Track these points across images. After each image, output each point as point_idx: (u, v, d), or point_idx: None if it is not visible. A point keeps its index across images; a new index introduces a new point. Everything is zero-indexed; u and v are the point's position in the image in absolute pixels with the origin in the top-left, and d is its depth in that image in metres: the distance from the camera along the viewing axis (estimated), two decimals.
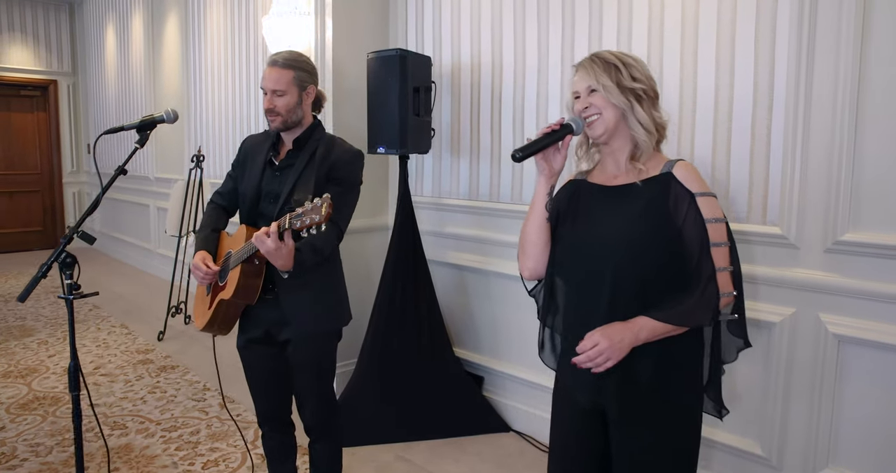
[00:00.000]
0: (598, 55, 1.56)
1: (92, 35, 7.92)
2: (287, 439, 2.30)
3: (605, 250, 1.51)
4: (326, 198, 1.66)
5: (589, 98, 1.54)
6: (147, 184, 6.71)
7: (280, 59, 2.04)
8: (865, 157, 2.03)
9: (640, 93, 1.52)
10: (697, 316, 1.47)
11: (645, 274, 1.48)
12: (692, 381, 1.58)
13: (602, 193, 1.59)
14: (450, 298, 3.46)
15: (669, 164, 1.53)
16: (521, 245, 1.67)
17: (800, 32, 2.12)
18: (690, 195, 1.48)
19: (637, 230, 1.48)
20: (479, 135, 3.27)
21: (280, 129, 2.07)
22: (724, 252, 1.50)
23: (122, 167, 1.86)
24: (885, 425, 2.05)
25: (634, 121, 1.52)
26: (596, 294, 1.52)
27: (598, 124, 1.53)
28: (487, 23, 3.17)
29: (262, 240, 1.77)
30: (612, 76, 1.51)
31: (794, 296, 2.21)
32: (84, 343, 4.53)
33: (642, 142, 1.53)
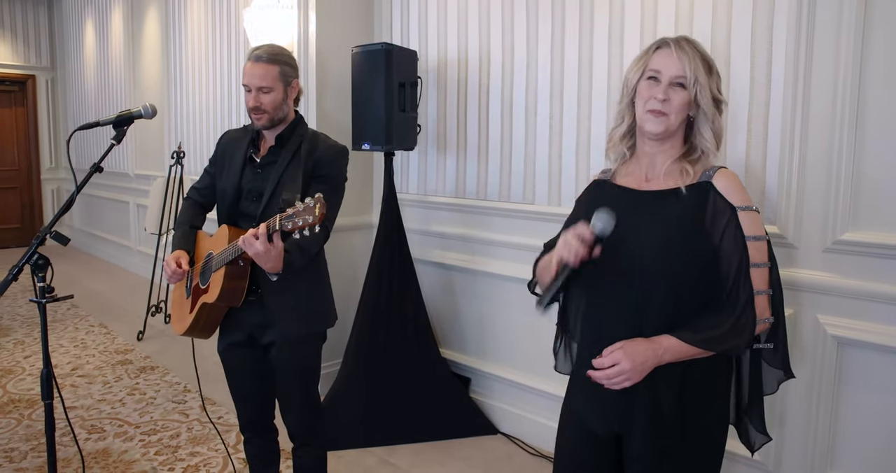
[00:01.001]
0: (694, 43, 1.37)
1: (71, 29, 7.76)
2: (270, 444, 2.24)
3: (632, 261, 1.37)
4: (319, 198, 1.58)
5: (671, 91, 1.36)
6: (126, 181, 6.59)
7: (264, 55, 1.94)
8: (865, 156, 1.99)
9: (722, 105, 1.40)
10: (729, 343, 1.34)
11: (677, 291, 1.35)
12: (719, 411, 1.46)
13: (633, 198, 1.44)
14: (436, 298, 3.40)
15: (710, 172, 1.38)
16: (540, 274, 1.54)
17: (798, 28, 2.07)
18: (732, 209, 1.34)
19: (671, 242, 1.35)
20: (465, 132, 3.21)
21: (266, 127, 1.99)
22: (764, 273, 1.37)
23: (98, 164, 1.78)
24: (885, 428, 2.01)
25: (708, 129, 1.38)
26: (621, 308, 1.39)
27: (662, 122, 1.37)
28: (475, 17, 3.10)
29: (251, 243, 1.69)
30: (708, 78, 1.35)
31: (793, 297, 2.16)
32: (61, 343, 4.41)
33: (707, 149, 1.39)
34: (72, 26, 7.72)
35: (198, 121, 5.10)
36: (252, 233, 1.69)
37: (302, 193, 1.90)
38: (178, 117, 5.41)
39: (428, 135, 3.37)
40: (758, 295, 1.35)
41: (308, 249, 1.91)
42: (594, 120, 2.66)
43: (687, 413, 1.39)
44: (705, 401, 1.42)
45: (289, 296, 1.99)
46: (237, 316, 2.04)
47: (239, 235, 1.87)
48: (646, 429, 1.40)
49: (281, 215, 1.64)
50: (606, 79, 2.59)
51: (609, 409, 1.44)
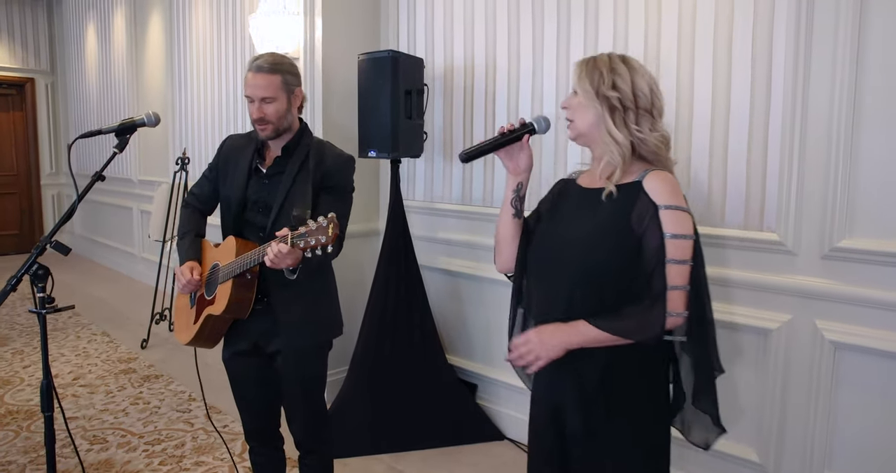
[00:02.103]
0: (594, 57, 1.53)
1: (71, 33, 7.76)
2: (276, 453, 2.24)
3: (562, 251, 1.51)
4: (332, 218, 1.60)
5: (571, 99, 1.53)
6: (130, 187, 6.58)
7: (265, 64, 1.92)
8: (861, 164, 2.02)
9: (616, 102, 1.46)
10: (637, 333, 1.42)
11: (599, 282, 1.45)
12: (654, 398, 1.53)
13: (578, 195, 1.58)
14: (442, 304, 3.40)
15: (643, 174, 1.47)
16: (495, 241, 1.69)
17: (797, 38, 2.10)
18: (655, 207, 1.42)
19: (596, 236, 1.46)
20: (472, 139, 3.22)
21: (271, 138, 1.97)
22: (684, 270, 1.42)
23: (100, 173, 1.78)
24: (882, 431, 2.04)
25: (605, 131, 1.47)
26: (555, 294, 1.51)
27: (572, 127, 1.54)
28: (481, 24, 3.12)
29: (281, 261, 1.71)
30: (594, 81, 1.47)
31: (791, 303, 2.20)
32: (63, 352, 4.40)
33: (612, 154, 1.47)
34: (72, 30, 7.72)
35: (202, 127, 5.10)
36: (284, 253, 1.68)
37: (314, 206, 1.91)
38: (182, 123, 5.41)
39: (434, 142, 3.38)
40: (674, 289, 1.42)
41: None
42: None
43: (613, 396, 1.48)
44: (633, 387, 1.50)
45: (296, 306, 1.99)
46: (243, 325, 2.04)
47: (247, 248, 1.87)
48: (575, 408, 1.51)
49: (293, 233, 1.65)
50: None
51: (550, 386, 1.57)
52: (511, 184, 1.60)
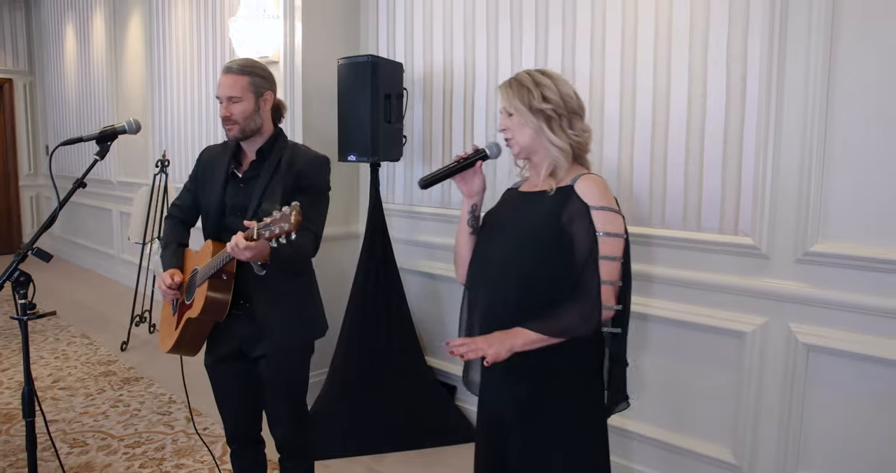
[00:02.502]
0: (516, 77, 1.64)
1: (50, 33, 7.67)
2: (257, 456, 2.25)
3: (501, 254, 1.60)
4: (295, 206, 1.62)
5: (506, 120, 1.63)
6: (109, 189, 6.53)
7: (234, 65, 1.98)
8: (833, 171, 2.06)
9: (551, 113, 1.58)
10: (576, 329, 1.51)
11: (531, 279, 1.54)
12: (586, 386, 1.63)
13: (518, 199, 1.70)
14: (421, 307, 3.42)
15: (576, 178, 1.59)
16: (454, 256, 1.80)
17: (770, 48, 2.14)
18: (586, 207, 1.53)
19: (530, 233, 1.57)
20: (451, 143, 3.23)
21: (238, 138, 2.00)
22: (614, 267, 1.54)
23: (81, 180, 1.78)
24: (853, 432, 2.09)
25: (545, 140, 1.59)
26: (494, 293, 1.61)
27: (514, 144, 1.63)
28: (460, 29, 3.14)
29: (240, 253, 1.73)
30: (524, 99, 1.58)
31: (766, 306, 2.24)
32: (42, 354, 4.36)
33: (554, 158, 1.60)
34: (51, 30, 7.63)
35: (182, 129, 5.08)
36: (236, 243, 1.71)
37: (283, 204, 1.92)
38: (161, 125, 5.38)
39: (414, 146, 3.39)
40: (606, 284, 1.52)
41: (297, 244, 1.89)
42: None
43: (546, 385, 1.58)
44: (567, 374, 1.59)
45: (277, 307, 2.00)
46: (227, 330, 2.05)
47: (222, 249, 1.88)
48: (510, 400, 1.61)
49: (259, 224, 1.67)
50: (588, 92, 2.63)
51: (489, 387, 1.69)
52: (466, 206, 1.72)
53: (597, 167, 2.63)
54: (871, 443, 2.05)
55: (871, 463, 2.05)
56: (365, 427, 3.03)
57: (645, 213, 2.51)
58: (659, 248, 2.48)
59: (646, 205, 2.50)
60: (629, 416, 2.62)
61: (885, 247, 1.98)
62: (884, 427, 2.02)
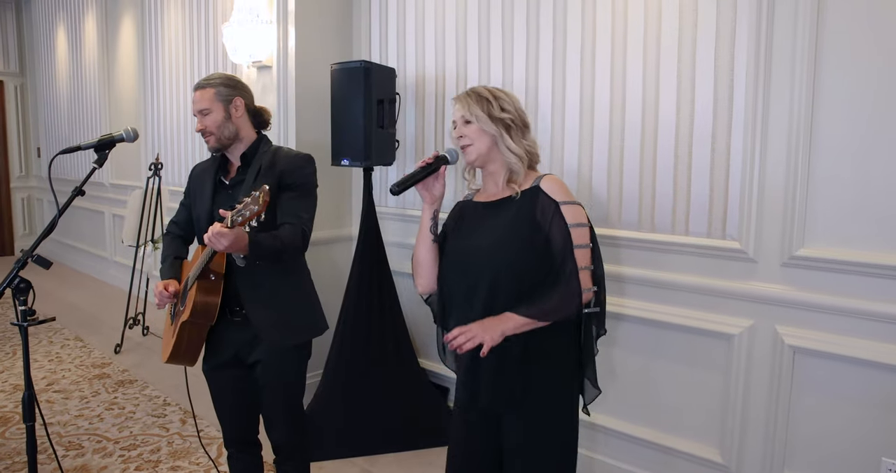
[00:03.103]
0: (473, 89, 1.74)
1: (41, 35, 7.66)
2: (254, 459, 2.28)
3: (480, 257, 1.67)
4: (264, 188, 1.66)
5: (463, 128, 1.71)
6: (102, 191, 6.52)
7: (201, 82, 2.07)
8: (818, 177, 2.11)
9: (509, 122, 1.69)
10: (562, 310, 1.63)
11: (519, 276, 1.63)
12: (562, 373, 1.72)
13: (483, 208, 1.76)
14: (414, 309, 3.45)
15: (538, 179, 1.70)
16: (413, 266, 1.84)
17: (757, 57, 2.19)
18: (555, 203, 1.65)
19: (507, 236, 1.65)
20: (443, 147, 3.27)
21: (217, 148, 2.06)
22: (586, 253, 1.67)
23: (80, 188, 1.81)
24: (838, 432, 2.14)
25: (504, 147, 1.69)
26: (474, 296, 1.67)
27: (472, 151, 1.71)
28: (452, 35, 3.17)
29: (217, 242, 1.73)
30: (484, 108, 1.68)
31: (753, 309, 2.28)
32: (36, 358, 4.37)
33: (513, 164, 1.70)
34: (42, 32, 7.62)
35: (175, 132, 5.09)
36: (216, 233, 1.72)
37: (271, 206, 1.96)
38: (154, 128, 5.39)
39: (406, 150, 3.43)
40: (582, 270, 1.65)
41: (278, 235, 1.93)
42: (567, 136, 2.74)
43: (531, 371, 1.66)
44: (546, 364, 1.69)
45: (270, 308, 2.03)
46: (223, 337, 2.08)
47: None
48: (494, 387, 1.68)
49: (232, 212, 1.70)
50: (579, 97, 2.68)
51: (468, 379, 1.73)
52: (428, 213, 1.79)
53: (586, 172, 2.68)
54: (856, 444, 2.10)
55: (856, 464, 2.10)
56: (359, 429, 3.06)
57: (634, 217, 2.55)
58: (648, 252, 2.52)
59: (635, 210, 2.54)
60: (619, 417, 2.66)
61: (870, 252, 2.02)
62: (868, 427, 2.07)
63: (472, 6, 3.06)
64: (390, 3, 3.45)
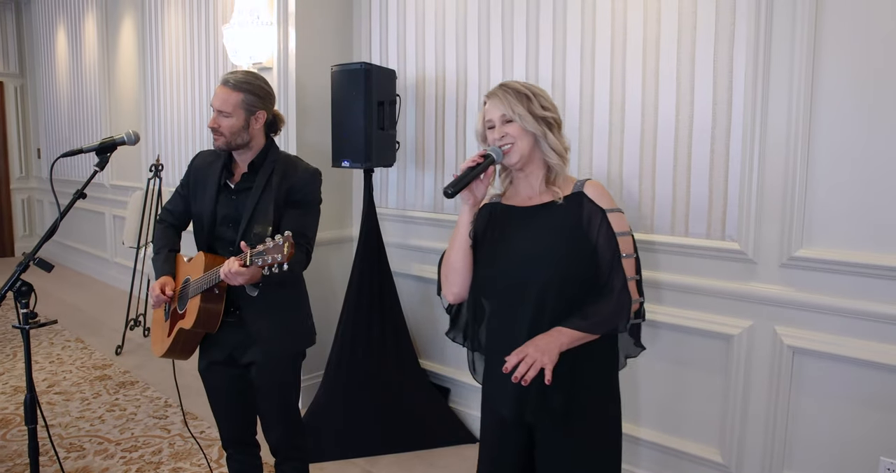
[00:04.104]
0: (508, 85, 1.63)
1: (41, 36, 7.66)
2: (253, 460, 2.28)
3: (526, 265, 1.58)
4: (288, 236, 1.66)
5: (504, 127, 1.60)
6: (103, 192, 6.53)
7: (231, 80, 1.99)
8: (817, 178, 2.11)
9: (551, 120, 1.61)
10: (613, 323, 1.56)
11: (566, 285, 1.55)
12: (610, 387, 1.67)
13: (520, 213, 1.65)
14: (415, 310, 3.46)
15: (580, 184, 1.62)
16: (445, 273, 1.70)
17: (756, 59, 2.19)
18: (602, 211, 1.57)
19: (554, 244, 1.56)
20: (443, 148, 3.28)
21: (223, 149, 2.04)
22: (632, 263, 1.60)
23: (81, 191, 1.82)
24: (837, 431, 2.15)
25: (547, 146, 1.60)
26: (519, 308, 1.58)
27: (514, 152, 1.60)
28: (452, 37, 3.18)
29: (234, 279, 1.78)
30: (525, 105, 1.58)
31: (752, 310, 2.29)
32: (37, 359, 4.37)
33: (556, 165, 1.62)
34: (42, 33, 7.62)
35: (176, 134, 5.10)
36: (235, 272, 1.75)
37: (275, 220, 1.96)
38: (155, 129, 5.39)
39: (407, 152, 3.43)
40: (629, 280, 1.58)
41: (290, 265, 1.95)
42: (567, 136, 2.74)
43: (579, 394, 1.58)
44: (595, 380, 1.63)
45: (269, 317, 2.04)
46: (217, 337, 2.08)
47: (216, 262, 1.92)
48: (544, 408, 1.58)
49: (252, 251, 1.71)
50: (578, 98, 2.68)
51: (512, 393, 1.60)
52: (468, 216, 1.65)
53: (587, 173, 2.68)
54: (855, 444, 2.10)
55: (855, 463, 2.11)
56: (360, 430, 3.07)
57: (634, 219, 2.56)
58: (648, 253, 2.52)
59: (635, 211, 2.55)
60: None
61: (868, 252, 2.03)
62: (867, 427, 2.08)
63: (473, 8, 3.07)
64: (391, 4, 3.46)
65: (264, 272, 1.69)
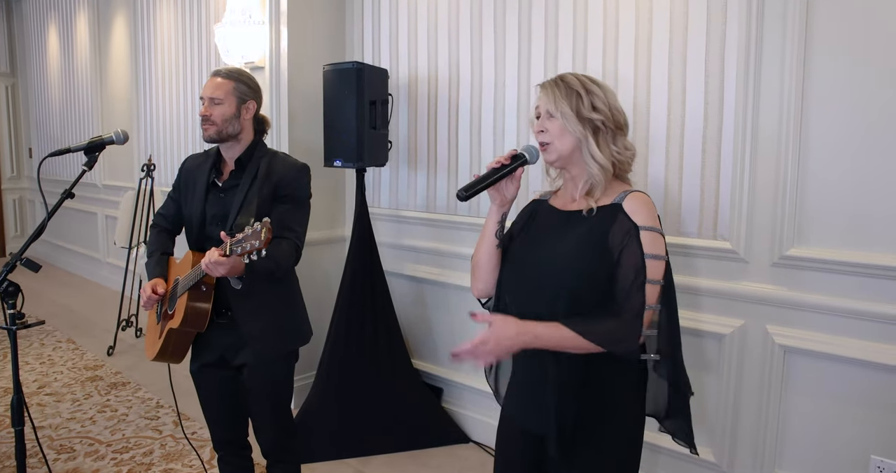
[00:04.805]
0: (563, 78, 1.51)
1: (32, 35, 7.62)
2: (244, 462, 2.27)
3: (543, 271, 1.49)
4: (266, 222, 1.64)
5: (546, 122, 1.50)
6: (95, 192, 6.49)
7: (223, 70, 2.04)
8: (808, 177, 2.12)
9: (599, 124, 1.47)
10: (610, 342, 1.41)
11: (581, 298, 1.44)
12: (632, 411, 1.56)
13: (554, 216, 1.57)
14: (408, 310, 3.45)
15: (622, 195, 1.48)
16: (472, 268, 1.66)
17: (747, 58, 2.19)
18: (635, 227, 1.43)
19: (577, 256, 1.45)
20: (436, 148, 3.27)
21: (213, 140, 2.02)
22: (656, 290, 1.45)
23: (69, 191, 1.81)
24: (828, 429, 2.15)
25: (587, 153, 1.47)
26: (534, 312, 1.48)
27: (552, 150, 1.50)
28: (444, 36, 3.17)
29: (214, 269, 1.76)
30: (572, 103, 1.46)
31: (744, 309, 2.29)
32: (27, 360, 4.34)
33: (593, 175, 1.48)
34: (34, 32, 7.57)
35: (168, 133, 5.08)
36: (214, 261, 1.74)
37: (260, 216, 1.94)
38: (147, 129, 5.37)
39: (399, 151, 3.43)
40: (647, 309, 1.43)
41: (274, 256, 1.92)
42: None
43: (594, 415, 1.48)
44: (612, 403, 1.51)
45: (259, 316, 2.03)
46: (210, 339, 2.07)
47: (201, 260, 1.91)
48: (558, 427, 1.48)
49: (231, 240, 1.70)
50: None
51: (532, 409, 1.53)
52: (496, 216, 1.57)
53: None
54: (846, 442, 2.11)
55: (846, 462, 2.11)
56: (352, 430, 3.06)
57: None
58: None
59: None
60: None
61: (859, 251, 2.03)
62: (858, 425, 2.08)
63: (465, 7, 3.06)
64: (383, 4, 3.45)
65: (244, 260, 1.68)
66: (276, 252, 1.90)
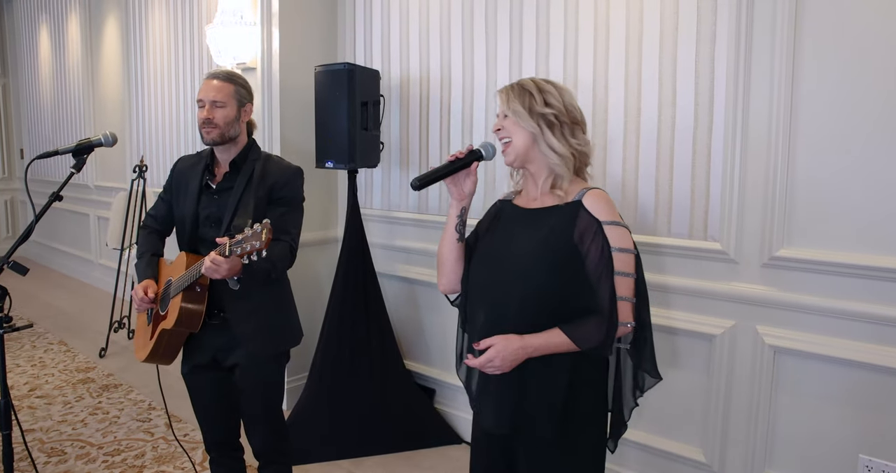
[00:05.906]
0: (519, 81, 1.60)
1: (23, 35, 7.58)
2: (236, 463, 2.27)
3: (509, 270, 1.53)
4: (266, 223, 1.65)
5: (502, 121, 1.58)
6: (87, 193, 6.47)
7: (221, 73, 2.04)
8: (798, 179, 2.13)
9: (552, 118, 1.53)
10: (588, 341, 1.47)
11: (546, 296, 1.48)
12: (598, 402, 1.62)
13: (518, 214, 1.62)
14: (400, 311, 3.45)
15: (582, 193, 1.54)
16: (437, 263, 1.72)
17: (737, 61, 2.20)
18: (598, 223, 1.49)
19: (540, 253, 1.49)
20: (428, 149, 3.27)
21: (216, 142, 2.02)
22: (629, 282, 1.50)
23: (57, 194, 1.80)
24: (817, 429, 2.16)
25: (545, 145, 1.54)
26: (502, 311, 1.53)
27: (510, 149, 1.57)
28: (436, 37, 3.17)
29: (215, 271, 1.77)
30: (525, 102, 1.54)
31: (734, 309, 2.30)
32: (18, 362, 4.32)
33: (555, 166, 1.55)
34: (25, 32, 7.54)
35: (160, 134, 5.06)
36: (214, 263, 1.74)
37: (257, 218, 1.95)
38: (139, 130, 5.35)
39: (391, 152, 3.43)
40: (622, 300, 1.49)
41: (271, 257, 1.92)
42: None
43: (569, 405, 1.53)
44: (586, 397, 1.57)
45: (252, 317, 2.03)
46: (200, 340, 2.07)
47: (196, 261, 1.91)
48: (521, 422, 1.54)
49: (230, 241, 1.70)
50: None
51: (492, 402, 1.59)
52: (455, 210, 1.64)
53: None
54: (836, 442, 2.12)
55: (835, 461, 2.12)
56: (344, 432, 3.06)
57: None
58: None
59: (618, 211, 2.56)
60: None
61: (849, 252, 2.04)
62: (847, 425, 2.09)
63: (456, 8, 3.06)
64: (374, 5, 3.45)
65: (244, 261, 1.68)
66: (272, 253, 1.90)
